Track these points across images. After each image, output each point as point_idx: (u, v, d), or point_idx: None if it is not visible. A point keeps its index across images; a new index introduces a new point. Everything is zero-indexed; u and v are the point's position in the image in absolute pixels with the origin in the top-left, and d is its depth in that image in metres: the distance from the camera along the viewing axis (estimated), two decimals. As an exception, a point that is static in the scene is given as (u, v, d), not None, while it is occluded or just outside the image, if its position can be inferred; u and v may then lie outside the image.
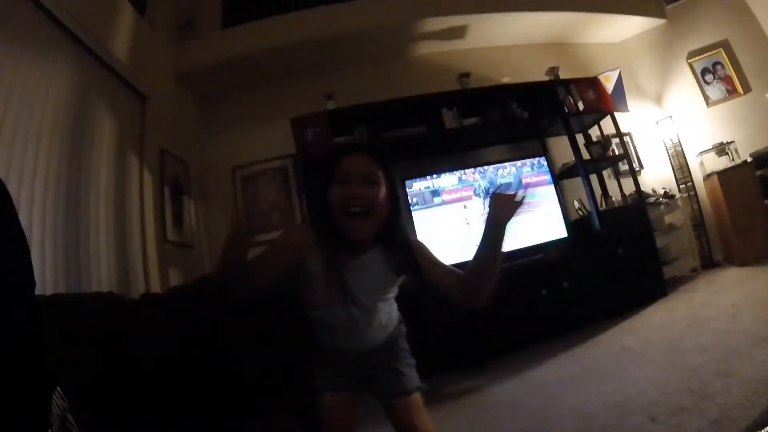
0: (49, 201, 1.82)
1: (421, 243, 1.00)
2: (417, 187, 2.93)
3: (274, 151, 3.32)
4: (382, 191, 0.88)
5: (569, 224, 3.13)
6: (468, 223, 2.93)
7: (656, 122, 3.89)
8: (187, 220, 3.04)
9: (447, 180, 2.97)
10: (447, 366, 2.55)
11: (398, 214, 0.95)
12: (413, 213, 2.85)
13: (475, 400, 2.07)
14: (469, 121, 3.10)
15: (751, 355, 1.71)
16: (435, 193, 2.94)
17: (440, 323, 2.55)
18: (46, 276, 1.70)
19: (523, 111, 3.16)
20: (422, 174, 2.97)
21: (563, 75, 3.39)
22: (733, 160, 3.58)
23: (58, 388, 0.58)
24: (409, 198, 2.84)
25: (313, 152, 2.84)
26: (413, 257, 0.93)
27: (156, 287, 2.40)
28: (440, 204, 2.93)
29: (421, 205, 2.91)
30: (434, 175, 2.97)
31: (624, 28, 4.09)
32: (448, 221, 2.90)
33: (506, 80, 3.33)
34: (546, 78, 3.38)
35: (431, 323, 2.44)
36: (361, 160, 0.89)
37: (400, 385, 0.99)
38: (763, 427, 0.50)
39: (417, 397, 1.00)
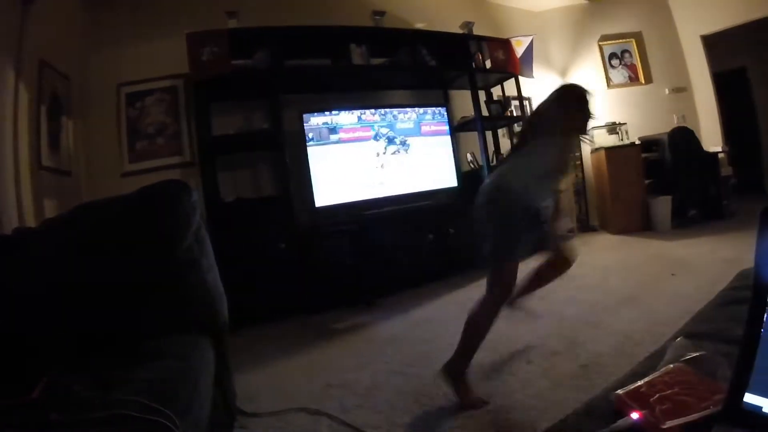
0: None
1: None
2: (315, 121, 2.82)
3: (164, 69, 2.99)
4: None
5: (460, 175, 3.26)
6: (363, 163, 2.93)
7: (558, 93, 4.13)
8: (64, 143, 2.70)
9: (346, 118, 2.91)
10: (337, 303, 2.60)
11: None
12: (309, 148, 2.78)
13: (363, 336, 2.14)
14: (377, 60, 3.03)
15: (617, 311, 1.93)
16: (333, 130, 2.87)
17: (330, 263, 2.59)
18: None
19: (432, 59, 3.16)
20: (321, 109, 2.87)
21: (477, 31, 3.43)
22: (622, 139, 3.96)
23: None
24: (306, 133, 2.76)
25: (207, 73, 2.61)
26: None
27: (30, 220, 2.14)
28: (337, 142, 2.87)
29: (317, 140, 2.83)
30: (334, 112, 2.89)
31: (547, 0, 4.22)
32: (343, 160, 2.86)
33: (420, 26, 3.29)
34: (460, 31, 3.39)
35: (321, 262, 2.55)
36: None
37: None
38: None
39: None
